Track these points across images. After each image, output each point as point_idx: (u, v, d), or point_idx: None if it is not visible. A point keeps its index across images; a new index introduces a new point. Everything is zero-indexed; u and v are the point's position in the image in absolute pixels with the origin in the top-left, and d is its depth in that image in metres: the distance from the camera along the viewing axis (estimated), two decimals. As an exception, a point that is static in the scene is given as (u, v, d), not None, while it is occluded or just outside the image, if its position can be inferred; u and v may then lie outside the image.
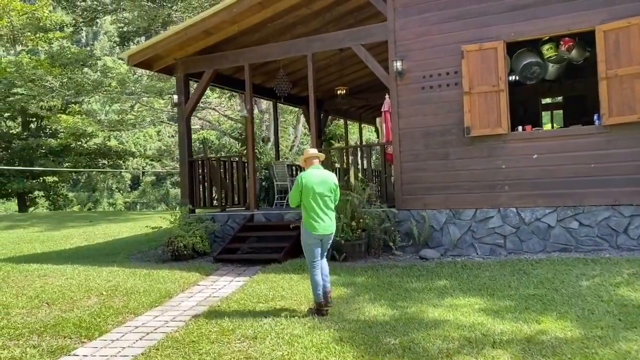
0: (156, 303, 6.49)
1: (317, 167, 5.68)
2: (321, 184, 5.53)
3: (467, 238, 8.23)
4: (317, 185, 5.50)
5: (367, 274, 7.28)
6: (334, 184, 5.63)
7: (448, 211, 8.35)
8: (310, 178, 5.54)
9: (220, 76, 11.42)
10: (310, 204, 5.49)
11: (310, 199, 5.48)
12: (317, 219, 5.49)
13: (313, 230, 5.51)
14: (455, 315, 5.26)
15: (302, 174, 5.63)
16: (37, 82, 22.38)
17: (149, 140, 40.02)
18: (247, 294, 6.60)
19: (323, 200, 5.53)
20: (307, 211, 5.53)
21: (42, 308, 6.35)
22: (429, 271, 7.19)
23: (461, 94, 8.19)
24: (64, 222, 18.77)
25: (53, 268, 8.96)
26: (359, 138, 19.59)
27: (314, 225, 5.50)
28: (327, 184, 5.56)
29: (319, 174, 5.60)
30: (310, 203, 5.49)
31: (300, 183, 5.52)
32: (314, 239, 5.55)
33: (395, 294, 6.23)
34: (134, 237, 13.54)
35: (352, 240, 8.02)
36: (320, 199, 5.50)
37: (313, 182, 5.50)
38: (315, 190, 5.48)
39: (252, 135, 10.10)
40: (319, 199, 5.50)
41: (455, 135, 8.29)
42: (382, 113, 8.99)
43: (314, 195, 5.48)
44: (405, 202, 8.62)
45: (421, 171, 8.51)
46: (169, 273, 8.06)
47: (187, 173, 10.54)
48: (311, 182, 5.51)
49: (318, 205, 5.49)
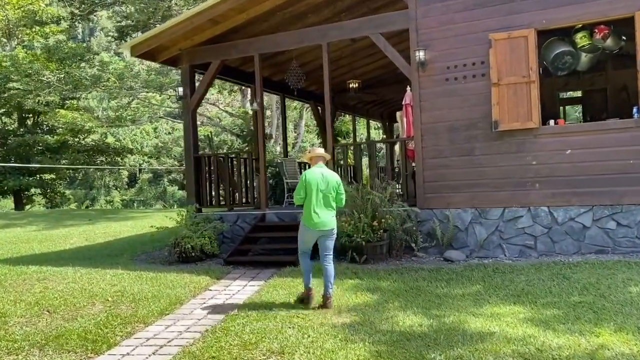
0: (167, 311, 5.98)
1: (320, 166, 5.86)
2: (324, 182, 5.71)
3: (494, 239, 7.75)
4: (320, 183, 5.69)
5: (391, 277, 6.79)
6: (336, 182, 5.80)
7: (474, 210, 7.87)
8: (314, 176, 5.72)
9: (227, 68, 10.89)
10: (311, 200, 5.66)
11: (313, 196, 5.66)
12: (315, 215, 5.67)
13: (310, 225, 5.70)
14: (500, 325, 4.78)
15: (306, 172, 5.83)
16: (34, 76, 21.79)
17: (146, 137, 39.45)
18: (265, 300, 6.10)
19: (324, 198, 5.70)
20: (307, 206, 5.70)
21: (43, 316, 5.84)
22: (458, 275, 6.71)
23: (489, 85, 7.69)
24: (61, 221, 18.22)
25: (53, 270, 8.44)
26: (367, 135, 19.07)
27: (312, 218, 5.67)
28: (329, 183, 5.74)
29: (323, 172, 5.78)
30: (311, 199, 5.67)
31: (305, 180, 5.71)
32: (310, 234, 5.75)
33: (427, 300, 5.75)
34: (136, 236, 13.02)
35: (373, 242, 7.53)
36: (322, 196, 5.69)
37: (317, 180, 5.69)
38: (318, 187, 5.67)
39: (263, 130, 9.58)
40: (321, 195, 5.68)
41: (481, 129, 7.80)
42: (402, 106, 8.47)
43: (316, 192, 5.66)
44: (427, 201, 8.13)
45: (445, 168, 8.02)
46: (178, 277, 7.55)
47: (193, 170, 10.02)
48: (315, 179, 5.69)
49: (319, 201, 5.68)
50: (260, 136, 9.60)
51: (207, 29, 9.60)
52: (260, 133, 9.59)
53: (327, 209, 5.72)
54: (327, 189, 5.70)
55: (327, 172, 5.82)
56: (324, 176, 5.74)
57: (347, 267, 7.39)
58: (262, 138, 9.57)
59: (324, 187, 5.69)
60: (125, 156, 34.31)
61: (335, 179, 5.80)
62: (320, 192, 5.67)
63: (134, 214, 20.50)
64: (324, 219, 5.69)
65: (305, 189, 5.68)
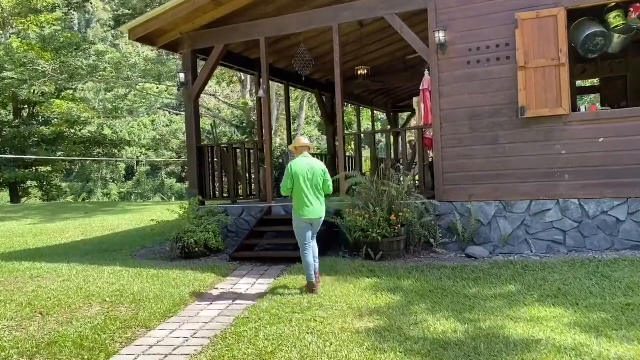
0: (170, 313, 5.47)
1: (305, 155, 6.01)
2: (310, 171, 5.86)
3: (519, 234, 7.25)
4: (306, 173, 5.83)
5: (412, 276, 6.28)
6: (322, 170, 5.95)
7: (497, 203, 7.36)
8: (300, 166, 5.86)
9: (230, 54, 10.31)
10: (300, 190, 5.81)
11: (301, 186, 5.80)
12: (307, 205, 5.82)
13: (303, 215, 5.85)
14: (545, 332, 4.27)
15: (292, 163, 5.95)
16: (28, 65, 21.14)
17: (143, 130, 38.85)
18: (277, 301, 5.59)
19: (312, 187, 5.86)
20: (297, 197, 5.86)
21: (35, 320, 5.32)
22: (485, 273, 6.20)
23: (514, 69, 7.16)
24: (58, 214, 17.68)
25: (47, 267, 7.93)
26: (372, 126, 18.52)
27: (303, 210, 5.83)
28: (316, 171, 5.89)
29: (308, 162, 5.93)
30: (300, 190, 5.81)
31: (291, 171, 5.84)
32: (304, 223, 5.90)
33: (456, 302, 5.24)
34: (135, 230, 12.49)
35: (390, 237, 7.02)
36: (310, 185, 5.83)
37: (303, 170, 5.83)
38: (305, 177, 5.81)
39: (269, 119, 9.04)
40: (309, 184, 5.83)
41: (506, 116, 7.27)
42: (419, 92, 7.93)
43: (304, 182, 5.80)
44: (447, 193, 7.61)
45: (466, 158, 7.49)
46: (181, 274, 7.04)
47: (196, 161, 9.48)
48: (301, 169, 5.83)
49: (308, 191, 5.82)
50: (267, 125, 9.05)
51: (210, 10, 9.03)
52: (266, 121, 9.04)
53: (317, 198, 5.91)
54: (314, 178, 5.86)
55: (312, 162, 5.98)
56: (310, 165, 5.89)
57: (363, 264, 6.88)
58: (268, 127, 9.03)
59: (310, 176, 5.84)
60: (122, 148, 33.71)
61: (321, 167, 5.98)
62: (308, 181, 5.83)
63: (132, 207, 19.96)
64: (315, 208, 5.87)
65: (292, 179, 5.83)
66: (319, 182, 5.90)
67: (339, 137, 8.58)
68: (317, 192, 5.90)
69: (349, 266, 6.81)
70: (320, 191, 5.94)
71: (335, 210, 7.95)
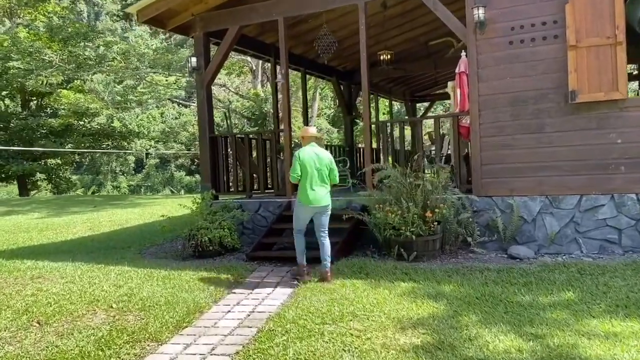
0: (184, 322, 4.84)
1: (313, 145, 6.10)
2: (318, 160, 5.99)
3: (567, 232, 6.54)
4: (314, 162, 5.96)
5: (453, 280, 5.61)
6: (329, 160, 6.08)
7: (543, 198, 6.65)
8: (308, 154, 5.98)
9: (243, 38, 9.63)
10: (307, 178, 5.92)
11: (308, 174, 5.91)
12: (312, 190, 5.90)
13: (306, 201, 5.93)
14: (629, 353, 3.59)
15: (300, 151, 6.05)
16: (35, 55, 20.60)
17: (152, 122, 38.37)
18: (304, 309, 4.94)
19: (319, 174, 5.96)
20: (303, 184, 5.95)
21: (32, 330, 4.71)
22: (535, 277, 5.51)
23: (564, 49, 6.43)
24: (66, 207, 17.17)
25: (50, 266, 7.35)
26: (390, 115, 17.79)
27: (307, 195, 5.91)
28: (323, 160, 6.02)
29: (315, 151, 6.04)
30: (306, 177, 5.92)
31: (300, 159, 5.96)
32: (306, 210, 6.00)
33: (510, 312, 4.57)
34: (144, 225, 11.90)
35: (424, 236, 6.34)
36: (316, 172, 5.94)
37: (310, 158, 5.95)
38: (312, 165, 5.93)
39: (289, 106, 8.36)
40: (316, 172, 5.94)
41: (553, 102, 6.55)
42: (455, 75, 7.21)
43: (311, 170, 5.92)
44: (485, 187, 6.91)
45: (507, 148, 6.79)
46: (195, 276, 6.42)
47: (209, 152, 8.83)
48: (309, 158, 5.95)
49: (313, 178, 5.93)
50: (285, 113, 8.38)
51: (224, -12, 8.36)
52: (285, 109, 8.36)
53: (322, 186, 5.98)
54: (321, 167, 5.97)
55: (319, 151, 6.07)
56: (317, 155, 6.00)
57: (395, 265, 6.22)
58: (287, 115, 8.35)
59: (318, 165, 5.96)
60: (131, 140, 33.21)
61: (328, 156, 6.10)
62: (315, 169, 5.93)
63: (141, 200, 19.42)
64: (319, 195, 5.94)
65: (300, 167, 5.92)
66: (325, 171, 6.00)
67: (365, 126, 7.90)
68: (324, 181, 6.00)
69: (380, 268, 6.15)
70: (327, 180, 6.04)
71: (361, 206, 7.30)
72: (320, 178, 5.95)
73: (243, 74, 31.22)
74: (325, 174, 6.00)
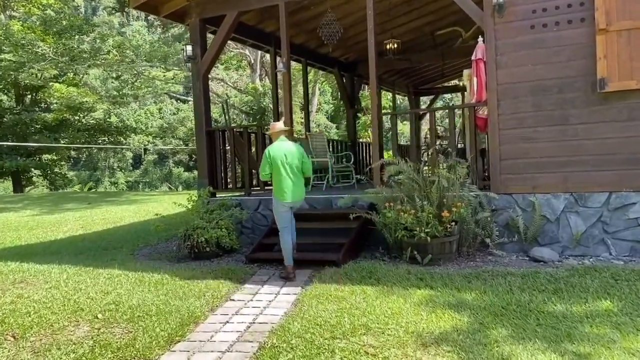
0: (177, 335, 4.33)
1: (282, 139, 6.08)
2: (288, 154, 5.94)
3: (594, 232, 6.02)
4: (284, 156, 5.90)
5: (473, 286, 5.09)
6: (299, 153, 6.04)
7: (567, 195, 6.13)
8: (278, 151, 5.93)
9: (242, 26, 9.09)
10: (280, 174, 5.89)
11: (280, 169, 5.87)
12: (287, 188, 5.90)
13: (284, 198, 5.92)
14: (693, 378, 3.08)
15: (269, 148, 6.04)
16: (27, 47, 20.02)
17: (150, 118, 37.83)
18: (310, 320, 4.43)
19: (291, 169, 5.92)
20: (277, 181, 5.93)
21: (5, 345, 4.20)
22: (565, 283, 4.99)
23: (592, 33, 5.89)
24: (59, 204, 16.63)
25: (35, 269, 6.83)
26: (393, 109, 17.23)
27: (284, 193, 5.91)
28: (293, 155, 5.97)
29: (285, 146, 6.01)
30: (279, 173, 5.89)
31: (269, 156, 5.92)
32: (284, 206, 5.97)
33: (544, 324, 4.05)
34: (139, 224, 11.37)
35: (440, 237, 5.81)
36: (289, 168, 5.90)
37: (280, 154, 5.90)
38: (283, 160, 5.89)
39: (290, 97, 7.82)
40: (288, 168, 5.89)
41: (579, 91, 6.02)
42: (472, 63, 6.68)
43: (282, 166, 5.88)
44: (505, 184, 6.39)
45: (529, 141, 6.26)
46: (189, 280, 5.89)
47: (206, 146, 8.30)
48: (279, 153, 5.91)
49: (287, 174, 5.89)
50: (287, 105, 7.84)
51: (221, -28, 7.82)
52: (287, 101, 7.82)
53: (297, 180, 5.98)
54: (292, 161, 5.92)
55: (289, 145, 6.05)
56: (287, 149, 5.96)
57: (408, 270, 5.69)
58: (289, 107, 7.81)
59: (289, 159, 5.91)
60: (128, 136, 32.62)
61: (299, 150, 6.06)
62: (287, 165, 5.89)
63: (138, 197, 18.88)
64: (295, 191, 5.96)
65: (271, 164, 5.89)
66: (297, 164, 5.97)
67: (373, 118, 7.37)
68: (296, 175, 5.98)
69: (391, 272, 5.63)
70: (300, 174, 6.04)
71: (368, 204, 6.78)
72: (293, 172, 5.93)
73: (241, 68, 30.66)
74: (297, 168, 5.98)
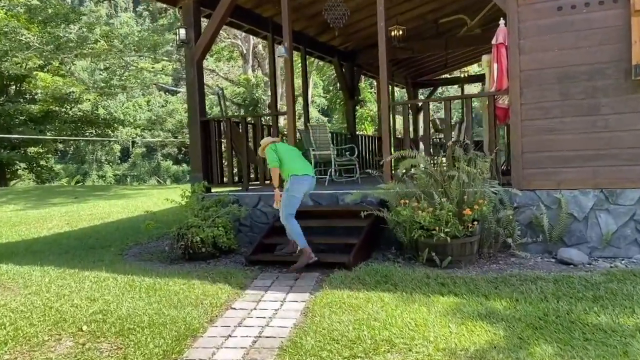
0: (173, 353, 3.78)
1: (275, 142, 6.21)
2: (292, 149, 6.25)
3: (627, 232, 5.56)
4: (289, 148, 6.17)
5: (502, 292, 4.59)
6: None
7: (597, 192, 5.65)
8: (281, 145, 6.08)
9: (238, 10, 8.50)
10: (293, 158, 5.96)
11: (289, 154, 5.96)
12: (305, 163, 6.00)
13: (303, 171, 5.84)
14: None
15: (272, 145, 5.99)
16: (10, 35, 19.21)
17: (138, 110, 37.01)
18: (325, 334, 3.90)
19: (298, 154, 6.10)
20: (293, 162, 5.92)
21: (-26, 366, 3.64)
22: (605, 290, 4.50)
23: (625, 15, 5.40)
24: (45, 199, 15.96)
25: (15, 271, 6.25)
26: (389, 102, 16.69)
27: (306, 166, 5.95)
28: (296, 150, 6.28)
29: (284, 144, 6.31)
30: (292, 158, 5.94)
31: (276, 150, 5.92)
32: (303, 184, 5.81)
33: (592, 340, 3.56)
34: (128, 220, 10.77)
35: (461, 237, 5.31)
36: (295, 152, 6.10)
37: (285, 147, 6.13)
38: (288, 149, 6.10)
39: (292, 84, 7.26)
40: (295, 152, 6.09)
41: (611, 78, 5.53)
42: (492, 48, 6.16)
43: (290, 152, 6.02)
44: (527, 179, 5.90)
45: (554, 133, 5.77)
46: (185, 285, 5.34)
47: (200, 138, 7.73)
48: (284, 146, 6.10)
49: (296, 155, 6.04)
50: (289, 93, 7.28)
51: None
52: (288, 88, 7.26)
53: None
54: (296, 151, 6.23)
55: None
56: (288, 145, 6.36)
57: (426, 273, 5.18)
58: (291, 95, 7.25)
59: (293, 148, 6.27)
60: (116, 128, 31.83)
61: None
62: (292, 151, 6.11)
63: (127, 191, 18.25)
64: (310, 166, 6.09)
65: (279, 156, 5.90)
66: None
67: (383, 108, 6.84)
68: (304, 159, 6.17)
69: (409, 276, 5.12)
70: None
71: (379, 201, 6.25)
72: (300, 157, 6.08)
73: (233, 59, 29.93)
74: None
